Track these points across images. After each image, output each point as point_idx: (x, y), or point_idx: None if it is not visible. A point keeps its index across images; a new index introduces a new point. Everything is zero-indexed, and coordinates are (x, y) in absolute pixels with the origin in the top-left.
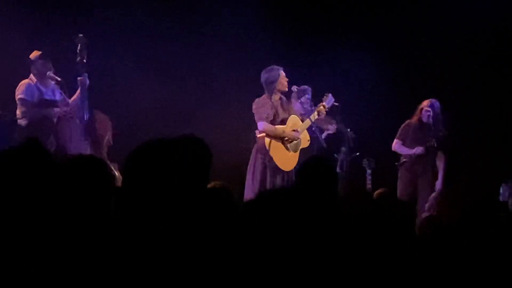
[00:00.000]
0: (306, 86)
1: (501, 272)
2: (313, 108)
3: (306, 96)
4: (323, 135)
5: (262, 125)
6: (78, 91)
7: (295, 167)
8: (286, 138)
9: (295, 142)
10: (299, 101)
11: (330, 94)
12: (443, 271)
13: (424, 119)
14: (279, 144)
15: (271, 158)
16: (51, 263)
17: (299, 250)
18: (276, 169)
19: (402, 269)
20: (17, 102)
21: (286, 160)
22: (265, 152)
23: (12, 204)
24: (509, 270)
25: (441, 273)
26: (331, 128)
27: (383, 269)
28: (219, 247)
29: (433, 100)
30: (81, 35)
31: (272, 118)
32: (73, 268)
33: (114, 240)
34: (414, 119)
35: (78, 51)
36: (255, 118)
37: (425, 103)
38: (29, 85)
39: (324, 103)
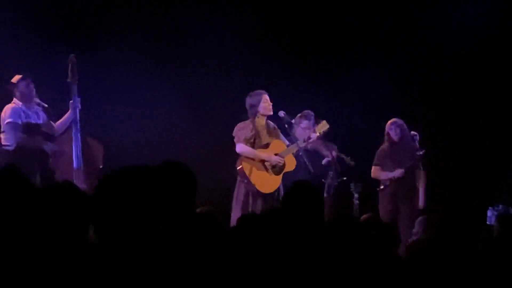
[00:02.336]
0: (309, 111)
1: None
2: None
3: (310, 121)
4: (324, 161)
5: (239, 147)
6: (67, 114)
7: (278, 190)
8: (266, 161)
9: (278, 165)
10: (300, 126)
11: (324, 121)
12: None
13: (395, 139)
14: (259, 166)
15: (249, 181)
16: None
17: (284, 275)
18: (257, 192)
19: None
20: (5, 126)
21: (266, 182)
22: (244, 175)
23: None
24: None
25: None
26: (331, 155)
27: None
28: (205, 272)
29: (396, 119)
30: (72, 55)
31: (252, 141)
32: None
33: (93, 271)
34: (386, 143)
35: (69, 71)
36: (234, 140)
37: (389, 123)
38: (14, 108)
39: (316, 129)
